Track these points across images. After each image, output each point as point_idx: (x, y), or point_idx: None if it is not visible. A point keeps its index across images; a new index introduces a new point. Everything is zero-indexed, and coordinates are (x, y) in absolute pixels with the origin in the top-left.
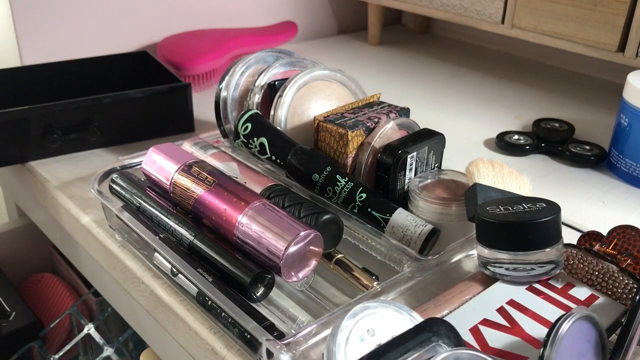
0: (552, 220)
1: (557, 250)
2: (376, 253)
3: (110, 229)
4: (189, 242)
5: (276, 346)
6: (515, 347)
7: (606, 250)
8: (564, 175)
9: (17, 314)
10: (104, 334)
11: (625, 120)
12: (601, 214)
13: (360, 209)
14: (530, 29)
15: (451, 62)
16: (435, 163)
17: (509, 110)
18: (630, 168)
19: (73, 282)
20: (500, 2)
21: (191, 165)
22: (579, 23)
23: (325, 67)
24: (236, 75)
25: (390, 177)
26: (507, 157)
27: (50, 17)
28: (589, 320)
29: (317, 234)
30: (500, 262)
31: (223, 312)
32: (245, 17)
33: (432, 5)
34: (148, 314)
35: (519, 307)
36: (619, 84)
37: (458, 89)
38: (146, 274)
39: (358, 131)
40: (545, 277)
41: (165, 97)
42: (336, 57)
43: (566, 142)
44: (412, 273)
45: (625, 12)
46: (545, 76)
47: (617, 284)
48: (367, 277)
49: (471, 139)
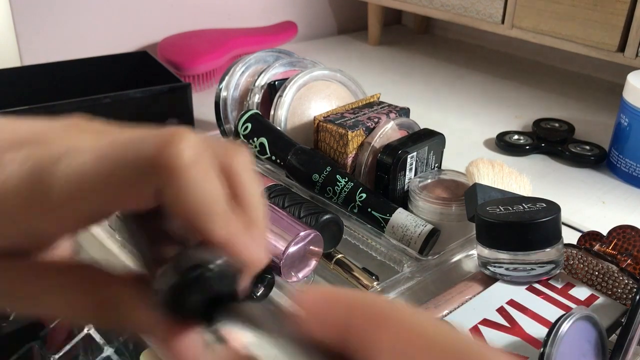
0: (552, 220)
1: (557, 250)
2: (376, 253)
3: (110, 228)
4: None
5: None
6: (515, 347)
7: (606, 250)
8: (564, 175)
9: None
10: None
11: (625, 120)
12: (601, 214)
13: (360, 209)
14: (530, 29)
15: (451, 62)
16: (435, 163)
17: (509, 110)
18: (630, 168)
19: None
20: (500, 2)
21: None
22: (579, 23)
23: (325, 67)
24: (236, 75)
25: (390, 177)
26: (507, 157)
27: (50, 17)
28: (589, 320)
29: (317, 234)
30: (500, 262)
31: None
32: (245, 17)
33: (432, 5)
34: None
35: (519, 307)
36: (619, 84)
37: (458, 89)
38: None
39: (358, 131)
40: (545, 277)
41: (165, 97)
42: (336, 57)
43: (566, 142)
44: (412, 273)
45: (625, 12)
46: (545, 76)
47: (617, 284)
48: (367, 277)
49: (471, 139)
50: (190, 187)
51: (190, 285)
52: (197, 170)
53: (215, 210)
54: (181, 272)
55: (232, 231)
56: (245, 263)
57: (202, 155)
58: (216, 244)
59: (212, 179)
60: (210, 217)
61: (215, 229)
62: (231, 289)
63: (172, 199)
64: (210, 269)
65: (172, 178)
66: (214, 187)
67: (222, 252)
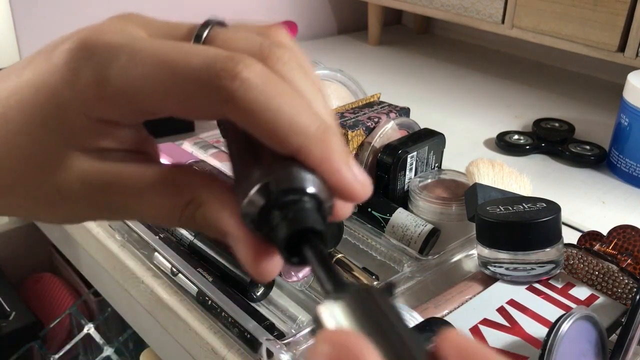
0: (552, 220)
1: (557, 250)
2: (376, 253)
3: (110, 228)
4: (189, 242)
5: (276, 346)
6: (516, 346)
7: (606, 250)
8: (564, 175)
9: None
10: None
11: (626, 120)
12: (601, 214)
13: (360, 208)
14: (530, 29)
15: (451, 62)
16: (436, 163)
17: (509, 110)
18: (631, 168)
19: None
20: (500, 2)
21: (191, 164)
22: (579, 23)
23: (325, 67)
24: None
25: (391, 177)
26: (507, 157)
27: (50, 17)
28: (589, 320)
29: None
30: (500, 261)
31: (223, 311)
32: (245, 17)
33: (432, 5)
34: (148, 313)
35: (519, 307)
36: (619, 84)
37: (458, 88)
38: (146, 273)
39: (358, 131)
40: (545, 277)
41: None
42: (336, 57)
43: (566, 142)
44: (412, 273)
45: (625, 12)
46: (546, 76)
47: (617, 284)
48: (367, 277)
49: (471, 139)
50: (275, 104)
51: (281, 209)
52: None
53: (307, 127)
54: (279, 192)
55: (327, 152)
56: (342, 191)
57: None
58: (312, 165)
59: (296, 95)
60: (300, 137)
61: (310, 149)
62: (321, 224)
63: (256, 119)
64: (303, 197)
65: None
66: (301, 103)
67: (319, 176)
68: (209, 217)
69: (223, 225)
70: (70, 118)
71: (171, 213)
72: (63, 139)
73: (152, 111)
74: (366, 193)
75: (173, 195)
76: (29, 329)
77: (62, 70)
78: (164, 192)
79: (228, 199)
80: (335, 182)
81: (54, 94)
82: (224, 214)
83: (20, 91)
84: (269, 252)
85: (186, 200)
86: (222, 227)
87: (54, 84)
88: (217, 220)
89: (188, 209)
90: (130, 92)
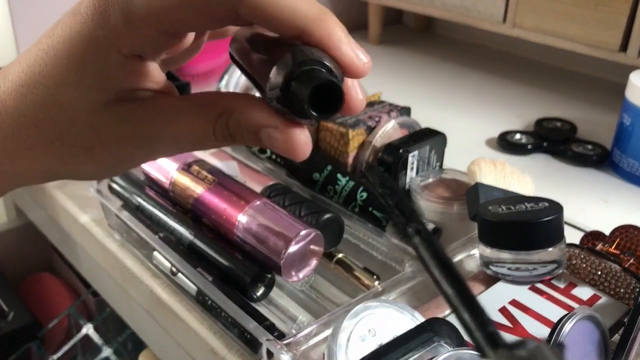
0: (555, 219)
1: (560, 250)
2: (377, 252)
3: (109, 228)
4: (189, 241)
5: (277, 346)
6: None
7: (609, 250)
8: (566, 174)
9: (15, 314)
10: (102, 334)
11: (628, 119)
12: (604, 214)
13: (361, 208)
14: (532, 28)
15: (452, 62)
16: (437, 162)
17: (510, 110)
18: (633, 167)
19: (72, 281)
20: (501, 2)
21: (191, 164)
22: (580, 22)
23: None
24: (236, 74)
25: (392, 176)
26: (509, 157)
27: (49, 16)
28: (592, 320)
29: (317, 233)
30: (502, 261)
31: (223, 311)
32: None
33: (433, 4)
34: (147, 313)
35: (521, 307)
36: (621, 83)
37: (459, 88)
38: (145, 273)
39: (359, 130)
40: (547, 276)
41: None
42: None
43: (568, 142)
44: (414, 273)
45: (627, 11)
46: (547, 76)
47: (619, 284)
48: (368, 277)
49: (473, 138)
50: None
51: (298, 79)
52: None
53: (308, 11)
54: (294, 64)
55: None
56: (344, 65)
57: None
58: (316, 44)
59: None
60: (303, 19)
61: (312, 30)
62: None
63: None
64: (314, 65)
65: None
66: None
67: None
68: (241, 120)
69: (255, 121)
70: (106, 58)
71: (205, 128)
72: (101, 83)
73: (174, 29)
74: (367, 67)
75: (206, 111)
76: (27, 329)
77: (92, 16)
78: (197, 110)
79: (254, 99)
80: (337, 57)
81: (89, 39)
82: (253, 112)
83: (55, 46)
84: (300, 125)
85: (218, 113)
86: (255, 123)
87: (86, 30)
88: (248, 120)
89: (221, 120)
90: (155, 12)
